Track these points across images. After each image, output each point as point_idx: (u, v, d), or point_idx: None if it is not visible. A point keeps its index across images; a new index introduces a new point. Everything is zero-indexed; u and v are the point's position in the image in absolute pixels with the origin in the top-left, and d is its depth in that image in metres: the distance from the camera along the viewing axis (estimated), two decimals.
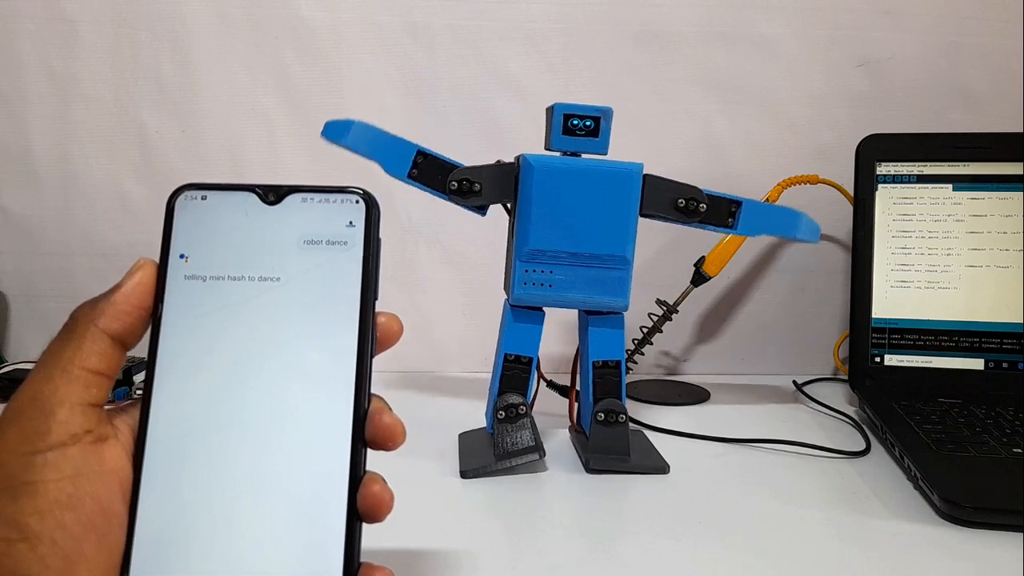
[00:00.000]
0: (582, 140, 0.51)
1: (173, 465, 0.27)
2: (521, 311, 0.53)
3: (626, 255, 0.52)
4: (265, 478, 0.27)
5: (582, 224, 0.51)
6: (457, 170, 0.51)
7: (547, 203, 0.51)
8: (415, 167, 0.51)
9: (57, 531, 0.24)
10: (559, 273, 0.52)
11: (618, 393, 0.53)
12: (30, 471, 0.24)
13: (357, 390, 0.27)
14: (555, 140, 0.51)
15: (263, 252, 0.29)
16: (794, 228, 0.56)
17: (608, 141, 0.51)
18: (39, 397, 0.25)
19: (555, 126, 0.51)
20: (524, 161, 0.51)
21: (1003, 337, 0.66)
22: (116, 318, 0.27)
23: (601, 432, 0.53)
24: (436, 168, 0.51)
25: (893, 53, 0.77)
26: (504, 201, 0.53)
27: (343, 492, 0.26)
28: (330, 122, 0.51)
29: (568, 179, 0.51)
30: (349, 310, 0.28)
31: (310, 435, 0.27)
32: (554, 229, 0.51)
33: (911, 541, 0.44)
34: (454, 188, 0.51)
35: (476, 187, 0.51)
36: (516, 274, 0.52)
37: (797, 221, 0.56)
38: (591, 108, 0.51)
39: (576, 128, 0.51)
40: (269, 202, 0.29)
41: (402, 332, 0.30)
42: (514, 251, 0.52)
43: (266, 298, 0.28)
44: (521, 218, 0.51)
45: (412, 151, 0.51)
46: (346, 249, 0.29)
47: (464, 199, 0.52)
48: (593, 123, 0.51)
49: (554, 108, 0.51)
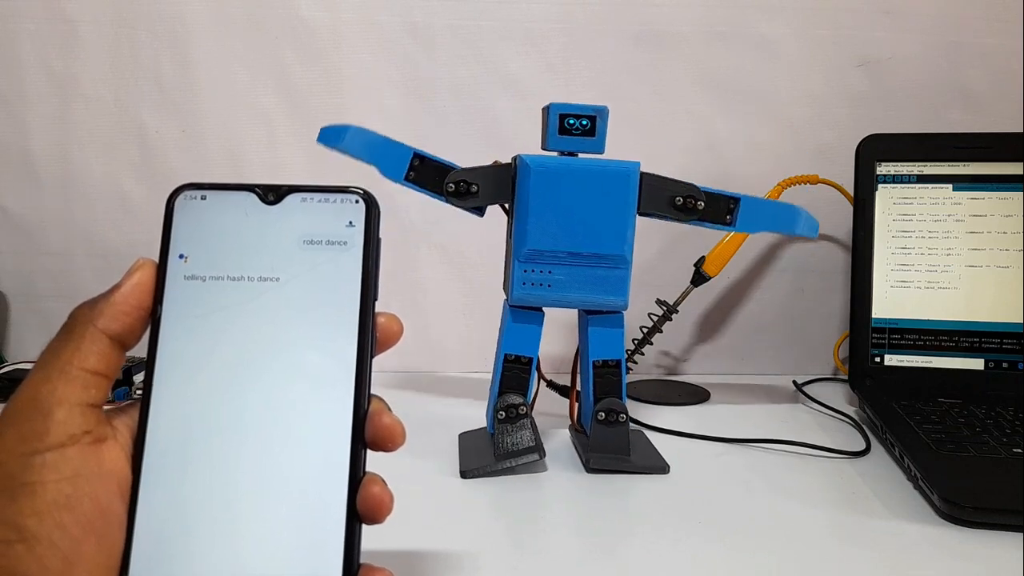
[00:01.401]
0: (578, 140, 0.51)
1: (172, 466, 0.27)
2: (520, 311, 0.53)
3: (625, 254, 0.52)
4: (264, 479, 0.27)
5: (580, 224, 0.51)
6: (454, 172, 0.51)
7: (545, 203, 0.51)
8: (412, 170, 0.51)
9: (56, 532, 0.24)
10: (558, 273, 0.52)
11: (618, 392, 0.53)
12: (28, 472, 0.24)
13: (357, 391, 0.27)
14: (551, 140, 0.51)
15: (263, 252, 0.28)
16: (793, 224, 0.56)
17: (604, 140, 0.51)
18: (37, 398, 0.25)
19: (551, 126, 0.51)
20: (521, 162, 0.51)
21: (1003, 337, 0.66)
22: (115, 318, 0.27)
23: (602, 431, 0.53)
24: (433, 170, 0.51)
25: (893, 53, 0.77)
26: (502, 202, 0.53)
27: (343, 493, 0.26)
28: (325, 127, 0.51)
29: (565, 179, 0.51)
30: (349, 311, 0.28)
31: (310, 436, 0.27)
32: (552, 229, 0.51)
33: (911, 541, 0.44)
34: (451, 190, 0.51)
35: (473, 188, 0.51)
36: (515, 274, 0.52)
37: (796, 217, 0.56)
38: (587, 107, 0.51)
39: (572, 128, 0.51)
40: (269, 202, 0.29)
41: (402, 332, 0.30)
42: (512, 252, 0.52)
43: (266, 298, 0.28)
44: (519, 219, 0.51)
45: (408, 154, 0.51)
46: (346, 249, 0.29)
47: (461, 201, 0.52)
48: (589, 122, 0.51)
49: (550, 108, 0.51)
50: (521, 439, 0.52)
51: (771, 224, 0.55)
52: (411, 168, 0.51)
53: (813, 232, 0.56)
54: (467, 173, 0.51)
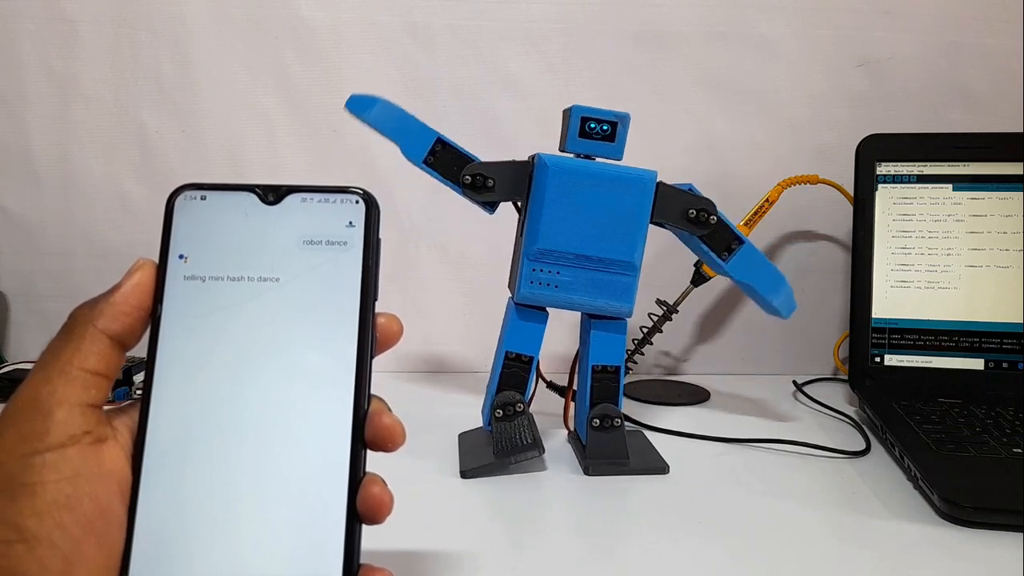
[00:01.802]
0: (598, 144, 0.51)
1: (172, 466, 0.27)
2: (525, 310, 0.53)
3: (634, 261, 0.52)
4: (264, 479, 0.27)
5: (592, 227, 0.51)
6: (472, 164, 0.51)
7: (559, 204, 0.51)
8: (432, 154, 0.51)
9: (55, 532, 0.24)
10: (566, 274, 0.52)
11: (615, 398, 0.53)
12: (28, 472, 0.24)
13: (357, 391, 0.27)
14: (571, 142, 0.51)
15: (263, 252, 0.28)
16: (775, 292, 0.54)
17: (623, 147, 0.51)
18: (37, 398, 0.25)
19: (572, 128, 0.51)
20: (539, 160, 0.51)
21: (1003, 337, 0.66)
22: (115, 319, 0.27)
23: (597, 438, 0.53)
24: (453, 158, 0.51)
25: (893, 53, 0.77)
26: (515, 199, 0.53)
27: (343, 493, 0.26)
28: (355, 95, 0.50)
29: (582, 181, 0.51)
30: (349, 311, 0.28)
31: (310, 436, 0.27)
32: (564, 230, 0.51)
33: (911, 541, 0.44)
34: (468, 182, 0.51)
35: (490, 183, 0.51)
36: (523, 272, 0.52)
37: (780, 288, 0.55)
38: (609, 112, 0.51)
39: (593, 132, 0.51)
40: (269, 202, 0.29)
41: (402, 332, 0.30)
42: (523, 250, 0.52)
43: (265, 298, 0.28)
44: (532, 217, 0.51)
45: (432, 138, 0.51)
46: (346, 249, 0.29)
47: (476, 194, 0.52)
48: (610, 128, 0.51)
49: (572, 110, 0.51)
50: (520, 437, 0.52)
51: (758, 281, 0.54)
52: (432, 152, 0.51)
53: (787, 311, 0.55)
54: (485, 167, 0.51)
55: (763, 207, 0.71)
